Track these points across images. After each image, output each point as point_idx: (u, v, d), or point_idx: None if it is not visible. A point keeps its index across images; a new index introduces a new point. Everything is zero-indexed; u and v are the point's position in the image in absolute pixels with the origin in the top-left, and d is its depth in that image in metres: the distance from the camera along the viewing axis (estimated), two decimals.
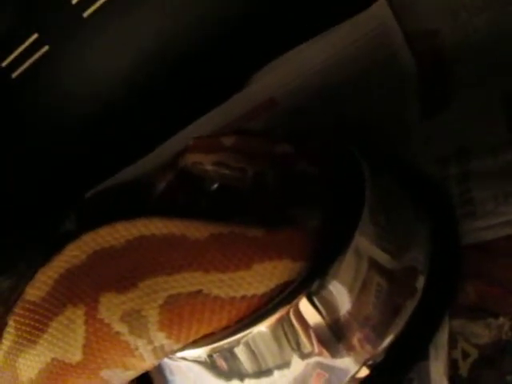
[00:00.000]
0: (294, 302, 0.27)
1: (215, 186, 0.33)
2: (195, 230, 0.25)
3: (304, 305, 0.27)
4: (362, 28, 0.41)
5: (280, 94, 0.45)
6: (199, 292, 0.25)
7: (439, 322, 0.27)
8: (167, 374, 0.31)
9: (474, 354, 0.24)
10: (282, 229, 0.27)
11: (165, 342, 0.25)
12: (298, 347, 0.28)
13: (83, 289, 0.25)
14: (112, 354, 0.25)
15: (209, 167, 0.33)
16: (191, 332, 0.25)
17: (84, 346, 0.25)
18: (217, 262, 0.25)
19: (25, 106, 0.54)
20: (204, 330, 0.26)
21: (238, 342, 0.27)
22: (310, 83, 0.43)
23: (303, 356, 0.28)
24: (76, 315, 0.25)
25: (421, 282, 0.29)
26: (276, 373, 0.28)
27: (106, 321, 0.25)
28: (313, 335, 0.28)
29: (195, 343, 0.27)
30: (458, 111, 0.35)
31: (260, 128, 0.43)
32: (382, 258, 0.29)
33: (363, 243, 0.28)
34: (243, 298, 0.25)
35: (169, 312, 0.25)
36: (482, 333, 0.25)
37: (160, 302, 0.25)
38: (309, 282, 0.27)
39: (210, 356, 0.28)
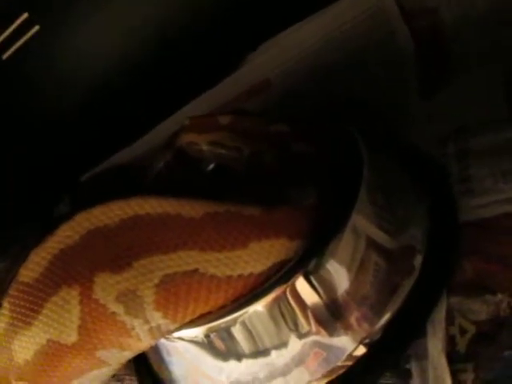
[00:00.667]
0: (291, 281, 0.27)
1: (211, 166, 0.32)
2: (190, 209, 0.25)
3: (301, 284, 0.27)
4: (359, 6, 0.40)
5: (275, 75, 0.44)
6: (195, 271, 0.24)
7: (436, 300, 0.27)
8: (164, 354, 0.31)
9: (472, 330, 0.24)
10: (279, 207, 0.26)
11: (161, 321, 0.25)
12: (295, 327, 0.28)
13: (77, 269, 0.25)
14: (108, 334, 0.25)
15: (204, 147, 0.33)
16: (188, 311, 0.25)
17: (79, 326, 0.25)
18: (213, 241, 0.25)
19: (16, 87, 0.53)
20: (200, 310, 0.25)
21: (234, 322, 0.27)
22: (306, 63, 0.42)
23: (300, 335, 0.28)
24: (71, 296, 0.25)
25: (418, 261, 0.28)
26: (273, 353, 0.28)
27: (102, 301, 0.24)
28: (310, 314, 0.28)
29: (192, 323, 0.27)
30: (457, 90, 0.34)
31: (255, 109, 0.42)
32: (380, 236, 0.29)
33: (361, 222, 0.28)
34: (240, 276, 0.25)
35: (165, 291, 0.24)
36: (480, 309, 0.25)
37: (156, 281, 0.24)
38: (306, 261, 0.27)
39: (206, 336, 0.28)
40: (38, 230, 0.43)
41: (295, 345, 0.28)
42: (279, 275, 0.27)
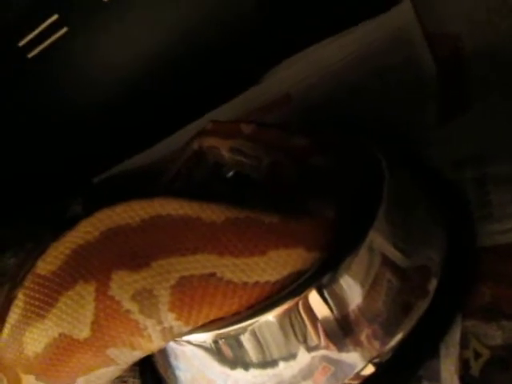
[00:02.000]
0: (304, 293, 0.27)
1: (231, 173, 0.33)
2: (211, 213, 0.25)
3: (313, 297, 0.27)
4: (383, 28, 0.41)
5: (296, 90, 0.45)
6: (212, 275, 0.25)
7: (449, 324, 0.27)
8: (171, 359, 0.31)
9: (486, 354, 0.24)
10: (299, 217, 0.26)
11: (174, 323, 0.25)
12: (304, 339, 0.28)
13: (95, 265, 0.25)
14: (120, 332, 0.25)
15: (225, 153, 0.33)
16: (201, 315, 0.25)
17: (92, 322, 0.25)
18: (231, 246, 0.25)
19: (38, 87, 0.54)
20: (214, 314, 0.25)
21: (244, 330, 0.27)
22: (328, 80, 0.43)
23: (309, 348, 0.28)
24: (86, 291, 0.25)
25: (433, 284, 0.28)
26: (281, 364, 0.28)
27: (117, 298, 0.24)
28: (320, 328, 0.28)
29: (201, 328, 0.27)
30: (477, 116, 0.35)
31: (276, 122, 0.43)
32: (395, 255, 0.29)
33: (377, 239, 0.28)
34: (256, 283, 0.25)
35: (180, 293, 0.24)
36: (495, 334, 0.25)
37: (172, 282, 0.24)
38: (320, 275, 0.27)
39: (215, 342, 0.28)
40: (51, 230, 0.43)
41: (304, 357, 0.28)
42: (292, 287, 0.27)
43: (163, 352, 0.31)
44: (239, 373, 0.29)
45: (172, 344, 0.29)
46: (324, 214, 0.27)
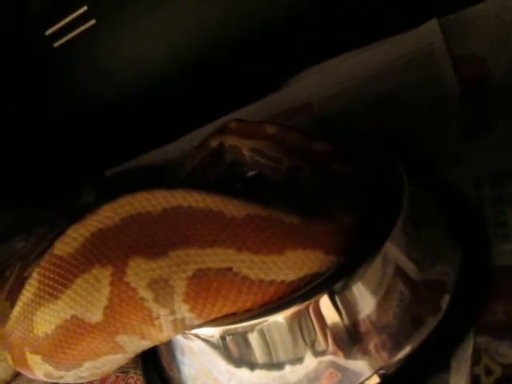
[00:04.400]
0: (315, 298, 0.27)
1: (252, 172, 0.33)
2: (233, 208, 0.25)
3: (325, 302, 0.27)
4: (410, 44, 0.41)
5: (317, 99, 0.45)
6: (229, 269, 0.25)
7: (461, 340, 0.27)
8: (177, 353, 0.30)
9: (498, 372, 0.24)
10: (318, 220, 0.26)
11: (187, 315, 0.25)
12: (312, 344, 0.28)
13: (113, 250, 0.25)
14: (132, 319, 0.25)
15: (245, 152, 0.33)
16: (215, 308, 0.25)
17: (106, 307, 0.25)
18: (250, 243, 0.25)
19: (61, 76, 0.55)
20: (227, 309, 0.25)
21: (252, 328, 0.27)
22: (350, 92, 0.43)
23: (317, 353, 0.28)
24: (102, 275, 0.25)
25: (446, 300, 0.28)
26: (287, 367, 0.28)
27: (132, 285, 0.24)
28: (329, 334, 0.28)
29: (211, 322, 0.27)
30: (498, 137, 0.35)
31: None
32: (409, 267, 0.29)
33: (392, 250, 0.28)
34: (272, 282, 0.25)
35: (196, 285, 0.24)
36: (507, 352, 0.25)
37: (189, 273, 0.24)
38: (333, 280, 0.27)
39: (222, 338, 0.28)
40: (60, 214, 0.43)
41: (310, 362, 0.28)
42: (304, 290, 0.27)
43: (169, 345, 0.31)
44: (244, 372, 0.29)
45: (179, 338, 0.29)
46: (343, 220, 0.27)
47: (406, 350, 0.28)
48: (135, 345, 0.26)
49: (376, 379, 0.28)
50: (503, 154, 0.34)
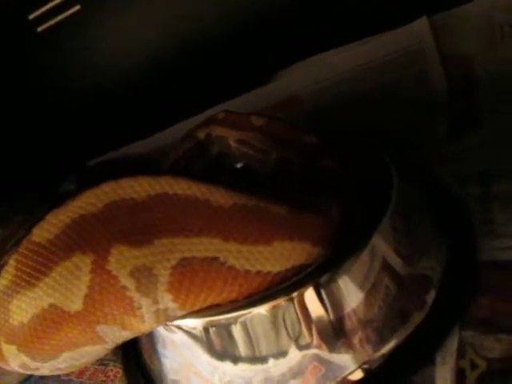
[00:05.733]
0: (300, 290, 0.26)
1: (239, 164, 0.32)
2: (220, 197, 0.25)
3: (310, 295, 0.27)
4: (400, 41, 0.41)
5: (306, 93, 0.45)
6: (215, 259, 0.24)
7: (446, 334, 0.27)
8: (159, 346, 0.30)
9: (483, 366, 0.24)
10: (306, 211, 0.26)
11: (170, 305, 0.24)
12: (296, 337, 0.27)
13: (95, 237, 0.24)
14: (113, 308, 0.24)
15: (232, 143, 0.33)
16: (199, 299, 0.25)
17: (86, 295, 0.24)
18: (237, 233, 0.24)
19: (44, 63, 0.53)
20: (212, 300, 0.25)
21: (235, 320, 0.26)
22: (340, 86, 0.43)
23: (301, 347, 0.27)
24: (83, 263, 0.24)
25: (432, 295, 0.28)
26: (271, 361, 0.28)
27: (114, 273, 0.24)
28: (314, 327, 0.27)
29: (194, 313, 0.26)
30: (484, 135, 0.35)
31: None
32: (396, 262, 0.29)
33: (380, 244, 0.28)
34: (258, 273, 0.25)
35: (181, 274, 0.24)
36: (492, 346, 0.25)
37: (173, 262, 0.24)
38: (319, 273, 0.27)
39: (205, 330, 0.27)
40: (40, 202, 0.42)
41: (294, 355, 0.28)
42: (289, 282, 0.26)
43: (150, 337, 0.30)
44: (227, 365, 0.28)
45: (161, 330, 0.29)
46: (330, 213, 0.27)
47: (391, 345, 0.28)
48: (115, 335, 0.25)
49: (359, 374, 0.28)
50: (489, 153, 0.34)
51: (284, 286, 0.26)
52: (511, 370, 0.23)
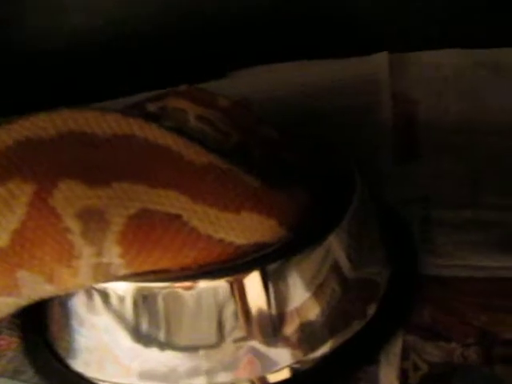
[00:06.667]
0: (244, 274, 0.24)
1: None
2: (193, 152, 0.23)
3: (254, 281, 0.25)
4: (357, 69, 0.43)
5: (257, 99, 0.44)
6: (178, 217, 0.21)
7: (386, 341, 0.27)
8: (74, 322, 0.25)
9: (425, 368, 0.25)
10: (277, 189, 0.25)
11: (115, 260, 0.21)
12: (232, 327, 0.25)
13: (41, 165, 0.20)
14: (45, 252, 0.20)
15: (191, 118, 0.31)
16: (150, 259, 0.22)
17: (16, 231, 0.20)
18: (207, 194, 0.22)
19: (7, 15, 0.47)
20: (164, 262, 0.22)
21: (169, 295, 0.23)
22: (291, 98, 0.43)
23: (236, 339, 0.25)
24: (21, 191, 0.20)
25: (375, 304, 0.28)
26: (201, 350, 0.25)
27: (58, 210, 0.20)
28: (252, 318, 0.25)
29: (125, 277, 0.23)
30: (425, 166, 0.37)
31: None
32: (346, 265, 0.28)
33: (334, 245, 0.27)
34: (220, 241, 0.22)
35: (136, 226, 0.21)
36: (433, 352, 0.25)
37: (131, 211, 0.21)
38: (269, 259, 0.25)
39: (135, 303, 0.24)
40: None
41: (228, 346, 0.25)
42: (233, 264, 0.24)
43: (66, 311, 0.25)
44: (153, 352, 0.25)
45: (82, 311, 0.25)
46: (299, 195, 0.26)
47: (327, 347, 0.27)
48: (35, 288, 0.21)
49: (286, 374, 0.27)
50: (427, 182, 0.36)
51: (230, 264, 0.24)
52: (451, 373, 0.24)
